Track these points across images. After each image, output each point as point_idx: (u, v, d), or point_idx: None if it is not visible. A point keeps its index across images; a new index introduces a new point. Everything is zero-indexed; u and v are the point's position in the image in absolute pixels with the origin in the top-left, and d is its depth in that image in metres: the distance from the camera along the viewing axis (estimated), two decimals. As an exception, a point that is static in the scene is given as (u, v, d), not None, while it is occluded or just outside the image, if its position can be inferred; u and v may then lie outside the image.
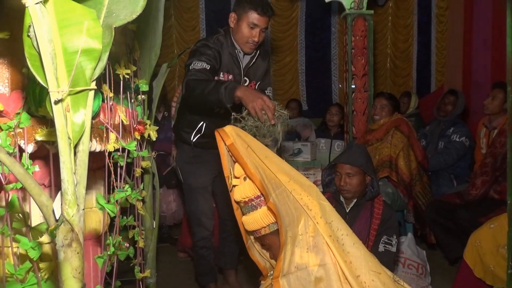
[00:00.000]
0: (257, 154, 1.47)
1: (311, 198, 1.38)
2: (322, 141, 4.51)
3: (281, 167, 1.46)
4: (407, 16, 6.91)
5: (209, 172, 2.75)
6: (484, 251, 2.55)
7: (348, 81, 4.02)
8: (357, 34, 3.94)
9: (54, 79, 0.91)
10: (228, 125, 1.58)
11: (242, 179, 1.53)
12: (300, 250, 1.32)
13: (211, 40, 2.53)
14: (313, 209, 1.36)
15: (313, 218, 1.34)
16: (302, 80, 6.91)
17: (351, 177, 2.24)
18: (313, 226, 1.33)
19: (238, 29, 2.48)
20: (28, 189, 0.99)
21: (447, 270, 3.29)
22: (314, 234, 1.32)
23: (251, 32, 2.44)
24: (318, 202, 1.38)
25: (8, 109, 1.23)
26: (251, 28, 2.43)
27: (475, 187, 3.13)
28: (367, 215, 2.27)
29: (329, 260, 1.29)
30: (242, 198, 1.54)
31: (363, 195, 2.30)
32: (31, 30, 0.89)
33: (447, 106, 4.00)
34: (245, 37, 2.46)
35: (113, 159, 1.52)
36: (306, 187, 1.41)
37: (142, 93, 2.09)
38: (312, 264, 1.29)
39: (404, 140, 3.37)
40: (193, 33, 6.56)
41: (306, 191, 1.40)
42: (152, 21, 2.23)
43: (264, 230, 1.53)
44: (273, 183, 1.41)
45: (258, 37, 2.45)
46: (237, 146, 1.49)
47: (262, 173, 1.43)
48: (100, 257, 1.45)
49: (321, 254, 1.30)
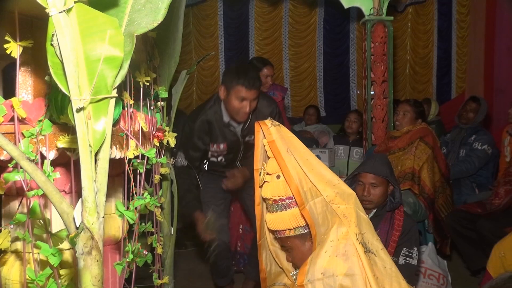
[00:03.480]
0: (296, 158, 1.42)
1: (348, 206, 1.35)
2: (340, 148, 4.46)
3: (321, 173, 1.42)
4: (427, 22, 6.84)
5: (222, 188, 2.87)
6: (509, 262, 2.48)
7: (367, 87, 3.98)
8: (377, 40, 3.90)
9: (76, 87, 0.92)
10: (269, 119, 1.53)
11: (275, 177, 1.48)
12: (329, 254, 1.29)
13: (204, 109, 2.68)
14: (349, 217, 1.33)
15: (347, 225, 1.31)
16: (320, 86, 6.89)
17: (375, 187, 2.20)
18: (346, 233, 1.30)
19: (228, 102, 2.56)
20: (49, 196, 1.00)
21: (468, 280, 3.21)
22: (346, 241, 1.29)
23: (241, 105, 2.52)
24: (355, 211, 1.35)
25: (30, 116, 1.25)
26: (240, 101, 2.50)
27: (499, 196, 3.06)
28: (387, 226, 2.22)
29: (358, 271, 1.26)
30: (272, 196, 1.48)
31: (383, 205, 2.26)
32: (54, 39, 0.89)
33: (469, 113, 3.92)
34: (236, 109, 2.54)
35: (132, 166, 1.52)
36: (346, 195, 1.38)
37: (161, 100, 2.10)
38: (339, 272, 1.26)
39: (428, 152, 3.26)
40: (211, 39, 6.61)
41: (345, 199, 1.37)
42: (172, 29, 2.25)
43: (289, 232, 1.48)
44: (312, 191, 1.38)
45: (249, 107, 2.53)
46: (278, 145, 1.44)
47: (301, 179, 1.39)
48: (119, 264, 1.45)
49: (349, 262, 1.27)
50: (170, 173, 2.52)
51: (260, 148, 1.56)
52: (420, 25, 6.82)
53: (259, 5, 6.49)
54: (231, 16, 6.56)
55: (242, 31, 6.58)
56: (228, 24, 6.59)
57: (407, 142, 3.36)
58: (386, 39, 3.91)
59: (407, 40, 6.86)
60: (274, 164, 1.46)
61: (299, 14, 6.70)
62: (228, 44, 6.68)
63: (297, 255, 1.49)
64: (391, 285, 1.28)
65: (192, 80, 6.56)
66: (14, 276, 1.36)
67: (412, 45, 6.88)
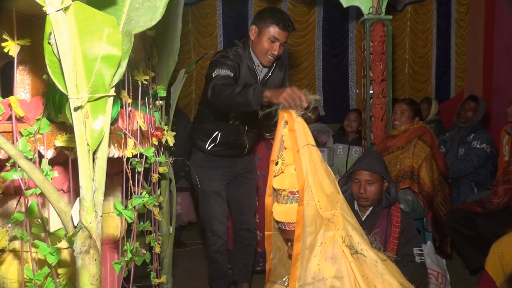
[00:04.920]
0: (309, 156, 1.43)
1: (335, 211, 1.37)
2: (339, 147, 4.47)
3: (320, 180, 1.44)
4: (426, 21, 6.83)
5: (222, 177, 2.76)
6: (507, 262, 2.49)
7: (366, 86, 3.98)
8: (376, 40, 3.90)
9: (74, 86, 0.92)
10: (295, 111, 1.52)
11: (293, 169, 1.47)
12: (317, 258, 1.31)
13: (230, 52, 2.55)
14: (336, 221, 1.34)
15: (334, 229, 1.33)
16: (319, 85, 6.88)
17: (371, 184, 2.20)
18: (333, 236, 1.32)
19: (258, 42, 2.51)
20: (47, 195, 0.99)
21: (467, 279, 3.21)
22: (333, 244, 1.31)
23: (271, 46, 2.48)
24: (341, 214, 1.37)
25: (28, 115, 1.24)
26: (271, 41, 2.47)
27: (497, 196, 3.06)
28: (385, 223, 2.23)
29: (346, 273, 1.28)
30: (289, 187, 1.47)
31: (379, 202, 2.26)
32: (51, 37, 0.89)
33: (467, 112, 3.92)
34: (265, 49, 2.49)
35: (131, 165, 1.52)
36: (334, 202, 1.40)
37: (160, 99, 2.09)
38: (329, 275, 1.29)
39: (427, 150, 3.28)
40: (210, 38, 6.60)
41: (332, 205, 1.39)
42: (171, 27, 2.24)
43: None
44: (309, 192, 1.40)
45: (278, 50, 2.50)
46: (298, 136, 1.44)
47: (309, 176, 1.41)
48: (118, 263, 1.45)
49: (337, 264, 1.29)
50: (168, 172, 2.52)
51: (278, 140, 1.57)
52: (419, 24, 6.82)
53: (258, 4, 6.47)
54: (230, 15, 6.54)
55: (241, 30, 6.56)
56: (227, 23, 6.58)
57: (405, 141, 3.37)
58: (385, 38, 3.91)
59: (406, 39, 6.85)
60: (291, 155, 1.47)
61: (298, 13, 6.68)
62: (227, 43, 6.66)
63: None
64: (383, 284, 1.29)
65: (191, 79, 6.54)
66: (12, 275, 1.36)
67: (411, 44, 6.87)
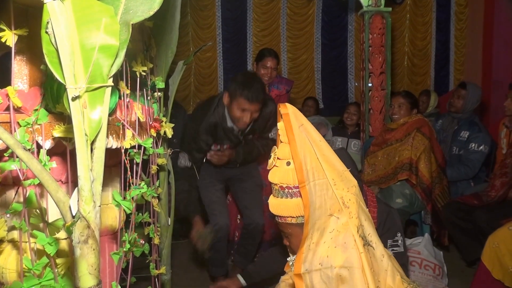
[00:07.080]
0: (307, 136, 1.39)
1: (351, 195, 1.34)
2: (338, 140, 4.48)
3: (328, 156, 1.39)
4: (425, 14, 6.81)
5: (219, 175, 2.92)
6: (502, 253, 2.50)
7: (365, 79, 3.98)
8: (375, 32, 3.89)
9: (71, 76, 0.91)
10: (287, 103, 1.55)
11: (285, 163, 1.45)
12: (327, 245, 1.28)
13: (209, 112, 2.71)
14: (350, 206, 1.32)
15: (348, 216, 1.31)
16: (318, 78, 6.88)
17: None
18: (346, 224, 1.29)
19: (230, 109, 2.63)
20: (45, 185, 0.99)
21: (464, 271, 3.24)
22: (345, 232, 1.29)
23: (242, 114, 2.58)
24: (356, 201, 1.34)
25: (26, 105, 1.24)
26: (242, 110, 2.57)
27: (494, 189, 3.07)
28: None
29: (356, 264, 1.25)
30: (280, 182, 1.47)
31: None
32: (49, 27, 0.89)
33: (459, 100, 3.73)
34: (236, 117, 2.61)
35: (129, 156, 1.52)
36: (348, 183, 1.37)
37: (158, 90, 2.09)
38: (337, 263, 1.26)
39: (425, 142, 3.28)
40: (209, 31, 6.58)
41: (347, 187, 1.35)
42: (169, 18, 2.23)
43: (291, 219, 1.47)
44: (315, 171, 1.35)
45: (249, 118, 2.59)
46: (291, 119, 1.40)
47: (307, 156, 1.36)
48: (116, 254, 1.46)
49: (347, 253, 1.26)
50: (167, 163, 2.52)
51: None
52: (418, 17, 6.80)
53: (257, -4, 6.47)
54: (229, 8, 6.52)
55: (240, 22, 6.54)
56: (226, 15, 6.56)
57: (404, 133, 3.37)
58: (384, 31, 3.90)
59: (405, 32, 6.83)
60: (286, 149, 1.44)
61: (297, 5, 6.66)
62: (226, 36, 6.64)
63: (295, 242, 1.49)
64: (385, 279, 1.28)
65: (189, 71, 6.53)
66: (11, 265, 1.36)
67: (410, 37, 6.86)
